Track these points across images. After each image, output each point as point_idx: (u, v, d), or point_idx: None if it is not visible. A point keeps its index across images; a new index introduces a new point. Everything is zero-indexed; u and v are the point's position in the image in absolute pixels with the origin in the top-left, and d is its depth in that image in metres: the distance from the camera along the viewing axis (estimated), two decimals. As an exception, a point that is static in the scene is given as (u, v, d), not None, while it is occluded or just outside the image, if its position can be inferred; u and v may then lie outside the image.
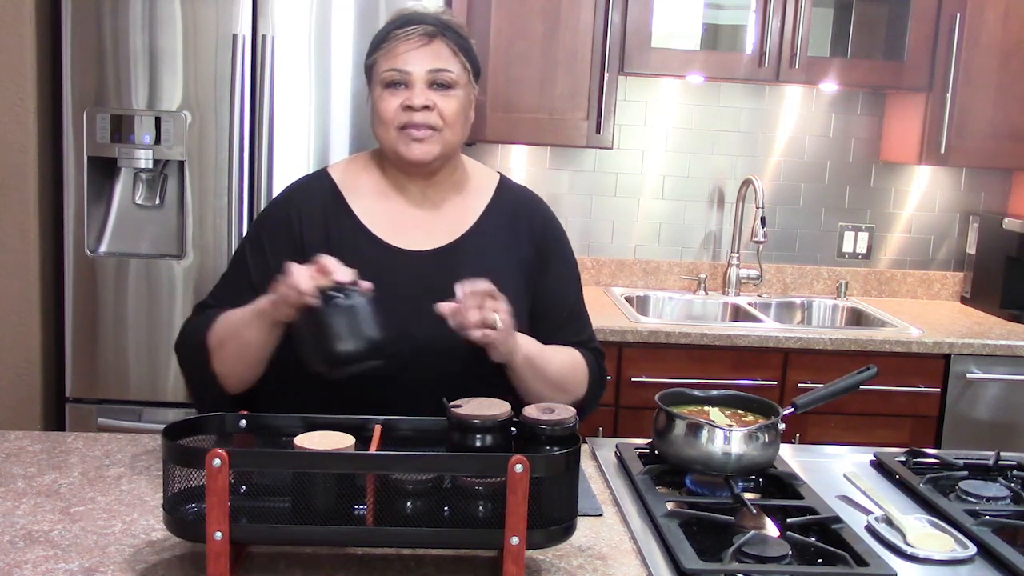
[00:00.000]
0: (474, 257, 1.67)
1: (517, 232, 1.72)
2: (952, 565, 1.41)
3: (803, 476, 1.68)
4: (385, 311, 1.47)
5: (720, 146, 3.53)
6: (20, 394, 2.76)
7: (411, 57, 1.60)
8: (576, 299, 1.79)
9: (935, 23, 3.17)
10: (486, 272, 1.58)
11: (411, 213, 1.69)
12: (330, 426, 1.36)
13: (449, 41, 1.62)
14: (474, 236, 1.69)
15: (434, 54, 1.61)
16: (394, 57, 1.60)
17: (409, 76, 1.60)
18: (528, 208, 1.77)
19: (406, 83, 1.60)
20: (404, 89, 1.60)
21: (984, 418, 3.01)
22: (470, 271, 1.57)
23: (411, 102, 1.59)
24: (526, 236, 1.73)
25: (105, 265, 2.77)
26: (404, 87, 1.60)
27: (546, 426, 1.35)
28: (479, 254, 1.68)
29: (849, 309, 3.47)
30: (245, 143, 2.72)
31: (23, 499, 1.49)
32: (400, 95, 1.60)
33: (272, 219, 1.70)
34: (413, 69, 1.60)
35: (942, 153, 3.21)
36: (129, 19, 2.67)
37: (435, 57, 1.61)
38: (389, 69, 1.61)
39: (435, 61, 1.60)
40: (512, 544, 1.22)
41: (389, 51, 1.61)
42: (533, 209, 1.77)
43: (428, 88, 1.60)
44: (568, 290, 1.78)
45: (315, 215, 1.66)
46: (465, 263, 1.65)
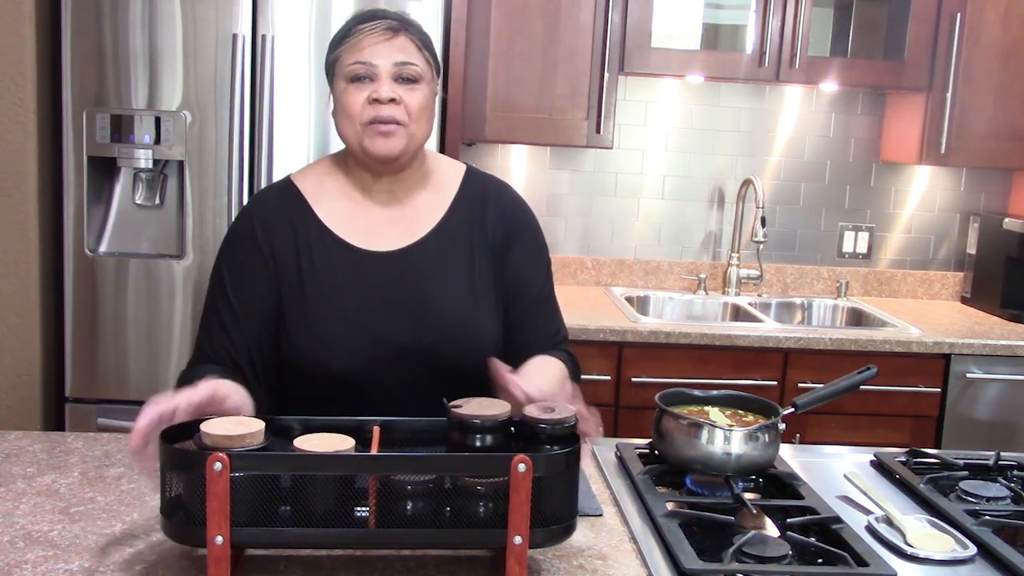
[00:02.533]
0: (445, 252, 1.66)
1: (485, 220, 1.70)
2: (952, 565, 1.41)
3: (803, 476, 1.68)
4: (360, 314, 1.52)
5: (720, 146, 3.53)
6: (20, 394, 2.76)
7: (377, 50, 1.58)
8: (544, 283, 1.75)
9: (935, 23, 3.17)
10: (458, 266, 1.62)
11: (378, 213, 1.67)
12: (328, 428, 1.36)
13: (413, 36, 1.61)
14: (443, 230, 1.67)
15: (399, 48, 1.59)
16: (359, 51, 1.58)
17: (375, 69, 1.58)
18: (496, 195, 1.74)
19: (372, 76, 1.58)
20: (370, 83, 1.58)
21: (984, 418, 3.01)
22: (441, 266, 1.61)
23: (378, 95, 1.57)
24: (494, 221, 1.71)
25: (105, 265, 2.77)
26: (370, 80, 1.58)
27: (546, 425, 1.34)
28: (449, 249, 1.66)
29: (849, 309, 3.47)
30: (245, 143, 2.72)
31: (23, 499, 1.49)
32: (366, 89, 1.58)
33: (235, 238, 1.68)
34: (379, 62, 1.57)
35: (942, 153, 3.21)
36: (129, 19, 2.67)
37: (400, 51, 1.59)
38: (354, 62, 1.58)
39: (401, 54, 1.58)
40: (515, 543, 1.23)
41: (353, 45, 1.59)
42: (501, 195, 1.75)
43: (394, 82, 1.58)
44: (535, 272, 1.73)
45: (281, 224, 1.64)
46: (436, 258, 1.64)
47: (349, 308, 1.59)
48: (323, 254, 1.62)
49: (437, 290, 1.63)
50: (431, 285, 1.62)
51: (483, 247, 1.69)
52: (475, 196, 1.72)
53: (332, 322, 1.59)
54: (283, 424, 1.39)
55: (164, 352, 2.78)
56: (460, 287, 1.64)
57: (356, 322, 1.59)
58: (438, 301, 1.62)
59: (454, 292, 1.64)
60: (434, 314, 1.61)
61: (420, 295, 1.59)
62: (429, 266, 1.62)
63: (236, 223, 1.70)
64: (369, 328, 1.58)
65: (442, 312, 1.61)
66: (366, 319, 1.58)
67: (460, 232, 1.68)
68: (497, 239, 1.70)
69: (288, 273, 1.61)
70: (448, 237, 1.67)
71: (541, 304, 1.73)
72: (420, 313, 1.60)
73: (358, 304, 1.59)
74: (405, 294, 1.59)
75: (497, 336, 1.66)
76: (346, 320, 1.59)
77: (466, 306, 1.64)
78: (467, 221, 1.69)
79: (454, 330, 1.61)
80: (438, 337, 1.59)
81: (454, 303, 1.63)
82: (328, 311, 1.59)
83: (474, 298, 1.65)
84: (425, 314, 1.60)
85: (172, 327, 2.78)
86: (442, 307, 1.62)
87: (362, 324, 1.59)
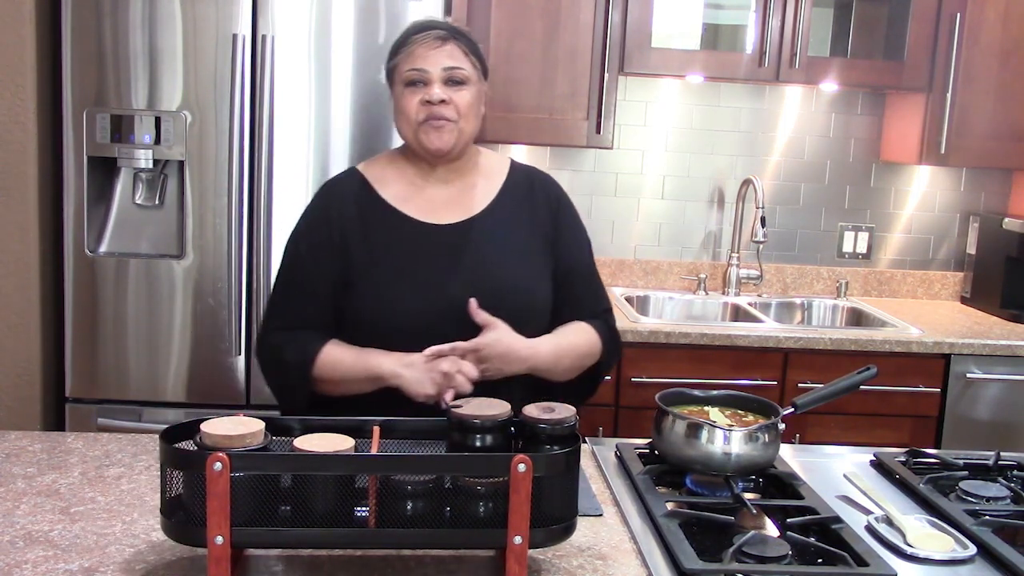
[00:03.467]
0: (498, 226, 1.85)
1: (534, 205, 1.90)
2: (952, 565, 1.41)
3: (803, 476, 1.68)
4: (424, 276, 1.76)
5: (720, 146, 3.53)
6: (20, 394, 2.76)
7: (428, 57, 1.78)
8: (590, 262, 1.96)
9: (935, 23, 3.17)
10: (510, 238, 1.85)
11: (437, 193, 1.86)
12: (328, 428, 1.36)
13: (460, 43, 1.81)
14: (496, 208, 1.87)
15: (448, 54, 1.79)
16: (414, 58, 1.78)
17: (427, 74, 1.78)
18: (542, 184, 1.96)
19: (425, 81, 1.78)
20: (423, 87, 1.78)
21: (984, 418, 3.01)
22: (496, 237, 1.83)
23: (430, 97, 1.77)
24: (543, 209, 1.91)
25: (105, 265, 2.77)
26: (423, 85, 1.78)
27: (546, 425, 1.35)
28: (503, 223, 1.86)
29: (849, 309, 3.47)
30: (245, 143, 2.72)
31: (23, 499, 1.49)
32: (420, 92, 1.78)
33: (310, 221, 1.87)
34: (431, 68, 1.77)
35: (942, 153, 3.21)
36: (129, 19, 2.67)
37: (449, 57, 1.79)
38: (410, 69, 1.78)
39: (449, 60, 1.78)
40: (515, 543, 1.23)
41: (409, 54, 1.79)
42: (547, 185, 1.96)
43: (444, 85, 1.78)
44: (582, 254, 1.95)
45: (349, 207, 1.83)
46: (491, 231, 1.84)
47: (414, 271, 1.79)
48: (389, 227, 1.82)
49: (492, 256, 1.82)
50: (487, 252, 1.82)
51: (532, 226, 1.88)
52: (522, 182, 1.93)
53: (399, 282, 1.77)
54: (283, 424, 1.39)
55: (164, 352, 2.78)
56: (512, 255, 1.84)
57: (420, 282, 1.77)
58: (493, 266, 1.81)
59: (507, 259, 1.83)
60: (490, 277, 1.80)
61: (477, 260, 1.80)
62: (485, 237, 1.83)
63: (309, 209, 1.89)
64: (432, 287, 1.77)
65: (496, 275, 1.80)
66: (429, 280, 1.77)
67: (511, 211, 1.88)
68: (547, 226, 1.90)
69: (356, 248, 1.80)
70: (501, 214, 1.87)
71: (588, 280, 1.95)
72: (477, 276, 1.79)
73: (422, 267, 1.79)
74: (464, 260, 1.80)
75: (545, 298, 1.86)
76: (411, 280, 1.78)
77: (518, 271, 1.83)
78: (517, 202, 1.90)
79: (507, 291, 1.79)
80: (493, 297, 1.76)
81: (507, 268, 1.82)
82: (395, 274, 1.78)
83: (525, 265, 1.85)
84: (482, 277, 1.79)
85: (172, 327, 2.78)
86: (496, 271, 1.81)
87: (425, 284, 1.77)
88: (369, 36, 2.75)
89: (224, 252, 2.75)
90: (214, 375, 2.80)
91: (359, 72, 2.75)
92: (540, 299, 1.85)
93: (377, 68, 2.75)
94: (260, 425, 1.29)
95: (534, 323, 1.81)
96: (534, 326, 1.80)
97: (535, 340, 1.78)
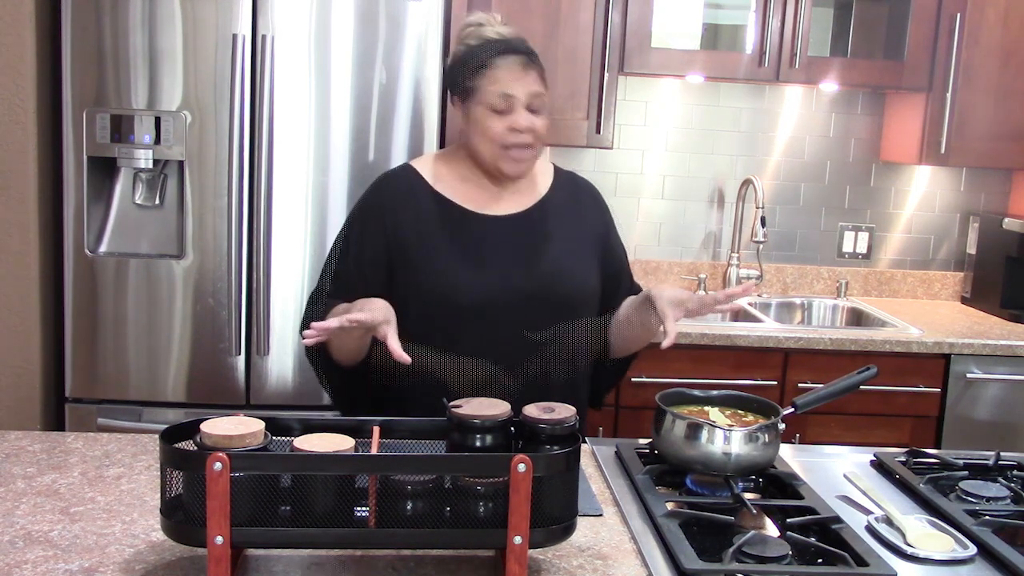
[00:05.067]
0: (549, 219, 1.92)
1: (581, 203, 1.98)
2: (952, 565, 1.41)
3: (803, 476, 1.68)
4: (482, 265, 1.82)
5: (720, 146, 3.53)
6: (20, 394, 2.76)
7: (515, 84, 1.81)
8: (628, 265, 2.06)
9: (935, 23, 3.17)
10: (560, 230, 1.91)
11: (489, 189, 1.91)
12: (328, 428, 1.36)
13: (539, 68, 1.85)
14: (546, 204, 1.94)
15: (532, 81, 1.83)
16: (500, 83, 1.81)
17: (513, 101, 1.81)
18: (588, 187, 2.04)
19: (510, 107, 1.81)
20: (508, 112, 1.81)
21: (984, 418, 3.01)
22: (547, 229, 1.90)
23: (517, 125, 1.81)
24: (593, 210, 2.00)
25: (105, 265, 2.77)
26: (509, 110, 1.81)
27: (546, 425, 1.35)
28: (553, 217, 1.93)
29: (849, 309, 3.47)
30: (245, 143, 2.72)
31: (23, 499, 1.49)
32: (506, 118, 1.81)
33: (364, 209, 1.91)
34: (517, 94, 1.81)
35: (942, 153, 3.21)
36: (129, 19, 2.67)
37: (533, 83, 1.83)
38: (497, 94, 1.81)
39: (534, 86, 1.83)
40: (515, 543, 1.23)
41: (494, 77, 1.81)
42: (593, 189, 2.05)
43: (527, 111, 1.82)
44: (625, 257, 2.05)
45: (403, 198, 1.88)
46: (542, 223, 1.91)
47: (466, 255, 1.84)
48: (443, 217, 1.86)
49: (546, 244, 1.88)
50: (541, 240, 1.88)
51: (582, 222, 1.96)
52: (568, 183, 2.00)
53: (451, 265, 1.82)
54: (283, 424, 1.39)
55: (164, 352, 2.78)
56: (564, 244, 1.90)
57: (472, 266, 1.83)
58: (546, 253, 1.87)
59: (559, 248, 1.89)
60: (544, 262, 1.86)
61: (531, 248, 1.87)
62: (537, 228, 1.90)
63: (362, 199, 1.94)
64: (483, 270, 1.82)
65: (550, 261, 1.87)
66: (481, 263, 1.83)
67: (560, 207, 1.95)
68: (600, 225, 1.99)
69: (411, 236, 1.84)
70: (551, 209, 1.93)
71: (629, 277, 2.04)
72: (532, 261, 1.85)
73: (479, 252, 1.84)
74: (519, 246, 1.86)
75: (594, 288, 1.92)
76: (464, 263, 1.82)
77: (570, 259, 1.89)
78: (564, 200, 1.96)
79: (561, 276, 1.86)
80: (546, 280, 1.84)
81: (560, 256, 1.88)
82: (448, 257, 1.83)
83: (576, 255, 1.91)
84: (537, 262, 1.85)
85: (172, 327, 2.78)
86: (550, 258, 1.87)
87: (477, 267, 1.82)
88: (369, 36, 2.75)
89: (224, 252, 2.75)
90: (214, 375, 2.80)
91: (359, 72, 2.75)
92: (590, 287, 1.92)
93: (377, 68, 2.76)
94: (260, 425, 1.29)
95: (584, 309, 1.90)
96: (584, 313, 1.89)
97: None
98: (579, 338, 1.89)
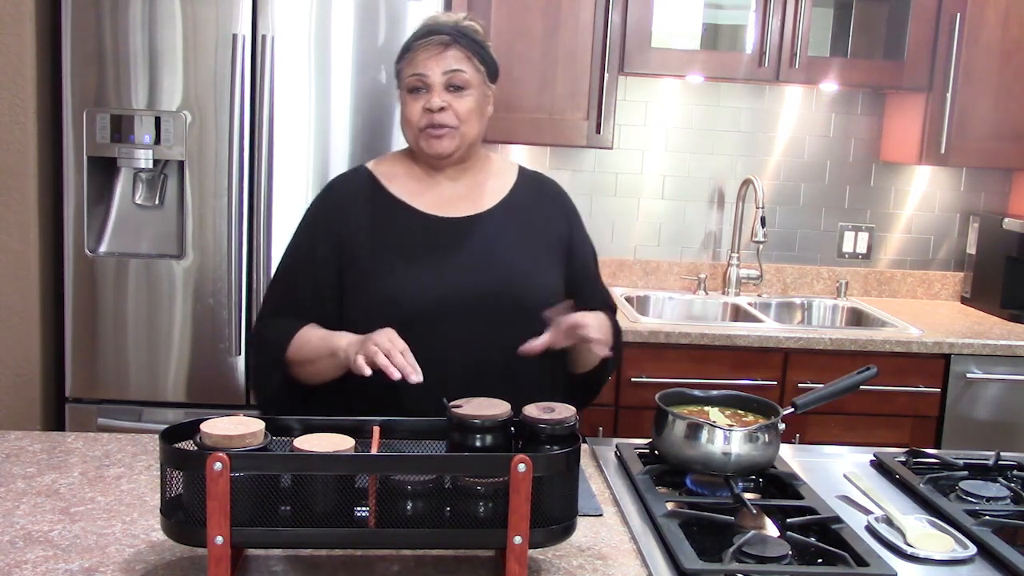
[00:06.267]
0: (508, 222, 1.87)
1: (546, 207, 1.94)
2: (952, 565, 1.41)
3: (803, 476, 1.68)
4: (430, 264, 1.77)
5: (720, 146, 3.53)
6: (20, 394, 2.76)
7: (429, 64, 1.79)
8: (596, 267, 2.01)
9: (935, 23, 3.17)
10: (519, 233, 1.86)
11: (446, 190, 1.88)
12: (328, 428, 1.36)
13: (463, 47, 1.81)
14: (506, 206, 1.89)
15: (449, 60, 1.79)
16: (415, 64, 1.80)
17: (428, 79, 1.79)
18: (552, 188, 2.00)
19: (426, 87, 1.79)
20: (425, 93, 1.79)
21: (984, 418, 3.01)
22: (505, 232, 1.85)
23: (430, 105, 1.78)
24: (556, 213, 1.95)
25: (105, 265, 2.77)
26: (425, 91, 1.79)
27: (546, 425, 1.35)
28: (512, 220, 1.88)
29: (849, 309, 3.47)
30: (245, 143, 2.72)
31: (23, 499, 1.49)
32: (421, 99, 1.79)
33: (315, 213, 1.88)
34: (431, 73, 1.78)
35: (942, 153, 3.21)
36: (129, 19, 2.67)
37: (450, 62, 1.79)
38: (411, 75, 1.80)
39: (452, 64, 1.79)
40: (515, 543, 1.23)
41: (411, 59, 1.81)
42: (557, 189, 2.01)
43: (445, 90, 1.79)
44: (593, 260, 2.00)
45: (357, 202, 1.85)
46: (500, 226, 1.86)
47: (423, 259, 1.79)
48: (397, 220, 1.83)
49: (501, 247, 1.84)
50: (496, 243, 1.84)
51: (544, 225, 1.91)
52: (532, 185, 1.96)
53: (404, 270, 1.78)
54: (283, 424, 1.39)
55: (164, 352, 2.78)
56: (521, 248, 1.85)
57: (426, 270, 1.78)
58: (501, 256, 1.83)
59: (516, 251, 1.85)
60: (498, 266, 1.81)
61: (486, 250, 1.82)
62: (493, 231, 1.85)
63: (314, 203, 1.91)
64: (437, 275, 1.78)
65: (504, 265, 1.82)
66: (436, 267, 1.79)
67: (521, 210, 1.90)
68: (563, 228, 1.94)
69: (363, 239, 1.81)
70: (511, 212, 1.89)
71: (597, 282, 2.00)
72: (486, 264, 1.81)
73: (431, 256, 1.80)
74: (472, 250, 1.82)
75: (554, 290, 1.85)
76: (417, 267, 1.78)
77: (526, 263, 1.84)
78: (526, 201, 1.92)
79: (515, 280, 1.81)
80: (500, 284, 1.79)
81: (516, 259, 1.83)
82: (401, 261, 1.79)
83: (534, 258, 1.86)
84: (491, 265, 1.81)
85: (172, 327, 2.78)
86: (504, 261, 1.82)
87: (434, 271, 1.78)
88: (369, 36, 2.75)
89: (224, 252, 2.75)
90: (214, 375, 2.80)
91: (359, 72, 2.75)
92: (549, 291, 1.84)
93: (377, 68, 2.76)
94: (260, 425, 1.30)
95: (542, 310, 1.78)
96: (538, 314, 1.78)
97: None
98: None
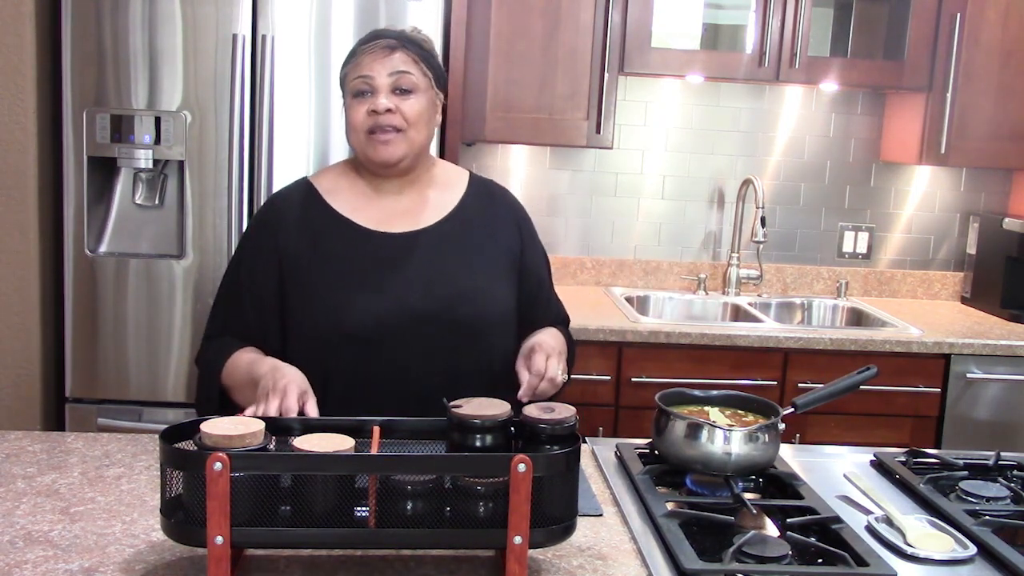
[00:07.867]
0: (455, 236, 1.82)
1: (495, 217, 1.89)
2: (952, 565, 1.41)
3: (803, 476, 1.68)
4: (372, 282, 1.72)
5: (720, 146, 3.53)
6: (20, 394, 2.76)
7: (375, 66, 1.74)
8: (549, 277, 1.98)
9: (935, 23, 3.17)
10: (466, 249, 1.81)
11: (390, 204, 1.83)
12: (328, 428, 1.36)
13: (410, 52, 1.77)
14: (453, 220, 1.84)
15: (396, 62, 1.75)
16: (360, 67, 1.75)
17: (373, 82, 1.74)
18: (505, 198, 1.94)
19: (372, 89, 1.74)
20: (371, 96, 1.74)
21: (984, 418, 3.01)
22: (451, 247, 1.79)
23: (376, 106, 1.73)
24: (507, 222, 1.90)
25: (105, 265, 2.77)
26: (371, 94, 1.74)
27: (546, 425, 1.35)
28: (459, 234, 1.83)
29: (849, 309, 3.47)
30: (245, 143, 2.72)
31: (23, 499, 1.49)
32: (367, 102, 1.74)
33: (256, 229, 1.85)
34: (376, 75, 1.74)
35: (942, 153, 3.21)
36: (129, 19, 2.67)
37: (396, 64, 1.75)
38: (356, 77, 1.75)
39: (399, 67, 1.75)
40: (515, 543, 1.23)
41: (356, 63, 1.77)
42: (509, 199, 1.95)
43: (391, 93, 1.74)
44: (543, 267, 1.95)
45: (297, 219, 1.80)
46: (446, 241, 1.81)
47: (365, 278, 1.74)
48: (338, 236, 1.78)
49: (447, 264, 1.78)
50: (441, 260, 1.78)
51: (494, 237, 1.86)
52: (482, 195, 1.90)
53: (345, 288, 1.73)
54: (283, 424, 1.39)
55: (164, 352, 2.78)
56: (469, 263, 1.80)
57: (368, 288, 1.73)
58: (447, 273, 1.77)
59: (463, 266, 1.79)
60: (443, 283, 1.76)
61: (431, 267, 1.76)
62: (439, 247, 1.79)
63: (254, 220, 1.90)
64: (380, 293, 1.73)
65: (450, 282, 1.77)
66: (380, 286, 1.73)
67: (470, 223, 1.84)
68: (514, 241, 1.88)
69: (304, 257, 1.76)
70: (458, 225, 1.83)
71: (548, 292, 1.96)
72: (431, 282, 1.75)
73: (373, 274, 1.75)
74: (416, 268, 1.76)
75: (505, 307, 1.82)
76: (359, 286, 1.73)
77: (474, 279, 1.79)
78: (476, 213, 1.86)
79: (461, 297, 1.76)
80: (446, 302, 1.74)
81: (462, 275, 1.78)
82: (342, 280, 1.74)
83: (482, 273, 1.81)
84: (435, 283, 1.76)
85: (172, 327, 2.78)
86: (450, 278, 1.77)
87: (376, 291, 1.73)
88: (369, 36, 2.74)
89: (224, 252, 2.75)
90: (214, 375, 2.80)
91: (359, 72, 2.75)
92: (501, 306, 1.81)
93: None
94: (260, 425, 1.30)
95: (495, 330, 1.79)
96: (496, 333, 1.79)
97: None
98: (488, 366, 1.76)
